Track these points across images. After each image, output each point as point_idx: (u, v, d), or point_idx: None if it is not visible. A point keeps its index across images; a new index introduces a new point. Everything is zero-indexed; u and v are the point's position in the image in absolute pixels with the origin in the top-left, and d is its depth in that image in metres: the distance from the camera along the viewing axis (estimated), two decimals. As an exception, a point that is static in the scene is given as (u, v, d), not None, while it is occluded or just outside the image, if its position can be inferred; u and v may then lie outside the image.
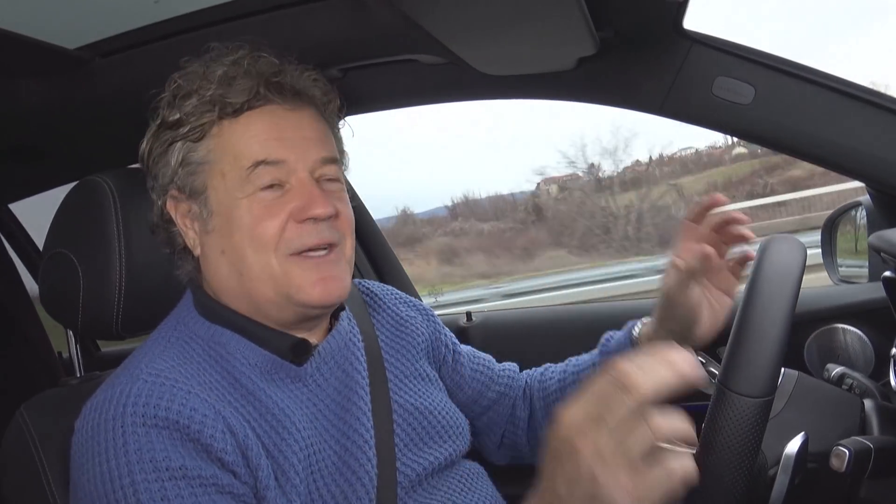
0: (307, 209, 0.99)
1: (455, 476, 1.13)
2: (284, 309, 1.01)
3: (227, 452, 0.88)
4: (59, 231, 1.18)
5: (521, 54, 1.28)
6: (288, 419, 0.97)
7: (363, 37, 1.27)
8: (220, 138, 1.01)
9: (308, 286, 0.99)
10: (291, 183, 1.00)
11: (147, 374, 0.91)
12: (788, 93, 1.29)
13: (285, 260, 0.99)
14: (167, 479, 0.83)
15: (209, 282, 1.05)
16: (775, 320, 0.80)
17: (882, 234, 1.12)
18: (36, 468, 1.06)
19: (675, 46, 1.32)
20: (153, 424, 0.86)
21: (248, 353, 1.01)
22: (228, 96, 0.99)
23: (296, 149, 1.01)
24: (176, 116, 1.01)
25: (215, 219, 1.01)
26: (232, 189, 0.99)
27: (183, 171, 1.02)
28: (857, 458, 0.89)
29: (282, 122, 1.02)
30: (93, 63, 1.29)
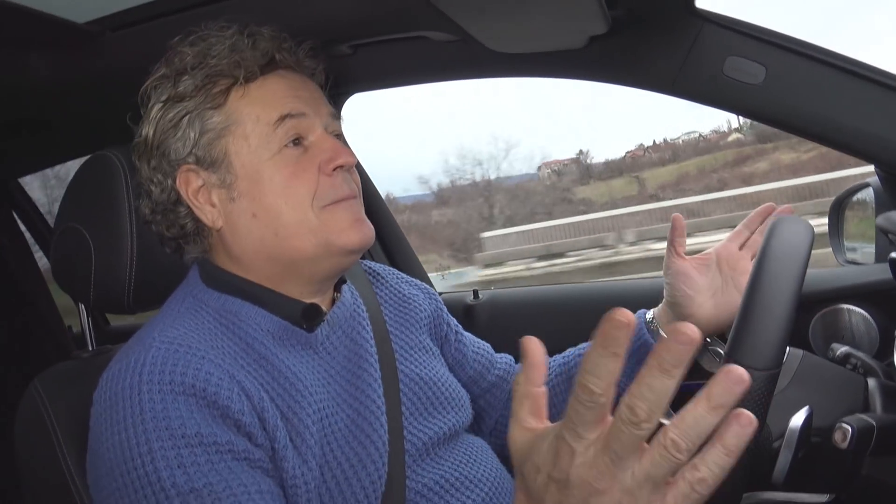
0: (334, 159, 1.02)
1: (460, 448, 1.14)
2: (322, 261, 1.04)
3: (245, 414, 0.90)
4: (71, 206, 1.18)
5: (532, 32, 1.28)
6: (301, 383, 0.99)
7: (373, 13, 1.27)
8: (239, 101, 1.02)
9: (348, 227, 1.03)
10: (310, 139, 1.04)
11: (160, 342, 0.92)
12: (800, 73, 1.28)
13: (321, 211, 1.02)
14: (183, 447, 0.84)
15: (234, 253, 1.05)
16: (783, 294, 0.81)
17: (890, 215, 1.12)
18: (50, 439, 1.07)
19: (687, 25, 1.31)
20: (169, 391, 0.87)
21: (260, 320, 1.02)
22: (245, 61, 1.01)
23: (311, 104, 1.05)
24: (185, 88, 1.01)
25: (241, 183, 1.02)
26: (257, 150, 1.01)
27: (203, 139, 1.02)
28: (860, 435, 0.90)
29: (294, 82, 1.06)
30: (103, 37, 1.29)
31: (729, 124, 14.89)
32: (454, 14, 1.16)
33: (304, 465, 0.94)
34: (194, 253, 1.08)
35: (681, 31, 1.31)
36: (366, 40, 1.38)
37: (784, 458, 0.92)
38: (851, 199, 1.69)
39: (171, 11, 1.24)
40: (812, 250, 0.88)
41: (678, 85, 1.34)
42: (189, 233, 1.06)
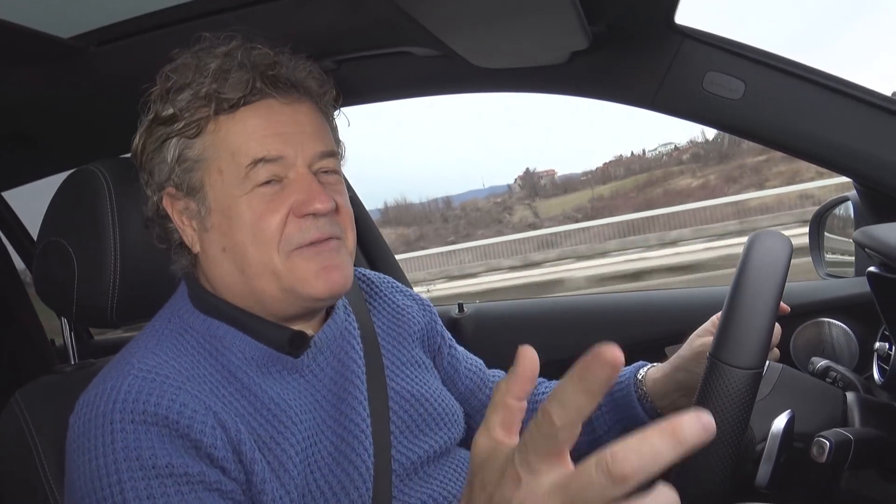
0: (307, 204, 0.97)
1: (450, 464, 1.13)
2: (289, 304, 1.01)
3: (217, 448, 0.88)
4: (54, 220, 1.18)
5: (514, 48, 1.29)
6: (284, 413, 0.97)
7: (357, 28, 1.28)
8: (216, 135, 0.98)
9: (312, 278, 0.98)
10: (290, 177, 0.99)
11: (138, 370, 0.91)
12: (779, 88, 1.30)
13: (288, 256, 0.98)
14: (153, 478, 0.84)
15: (209, 278, 1.04)
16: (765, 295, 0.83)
17: (867, 229, 1.14)
18: (31, 454, 1.06)
19: (667, 41, 1.32)
20: (142, 421, 0.86)
21: (245, 347, 1.00)
22: (224, 91, 0.97)
23: (294, 144, 0.99)
24: (170, 111, 0.99)
25: (214, 216, 0.99)
26: (230, 186, 0.98)
27: (179, 168, 1.00)
28: (837, 449, 0.91)
29: (279, 116, 1.00)
30: (87, 52, 1.29)
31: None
32: (437, 30, 1.17)
33: (287, 496, 0.93)
34: (182, 263, 1.07)
35: (661, 47, 1.33)
36: (350, 55, 1.39)
37: (767, 461, 0.93)
38: (831, 212, 1.71)
39: (155, 27, 1.24)
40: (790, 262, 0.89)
41: (658, 100, 1.36)
42: (175, 246, 1.06)
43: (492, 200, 20.64)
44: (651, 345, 1.39)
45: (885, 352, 1.27)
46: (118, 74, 1.32)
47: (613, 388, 1.24)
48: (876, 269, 1.12)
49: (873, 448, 0.96)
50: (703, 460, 0.80)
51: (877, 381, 1.25)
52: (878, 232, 1.11)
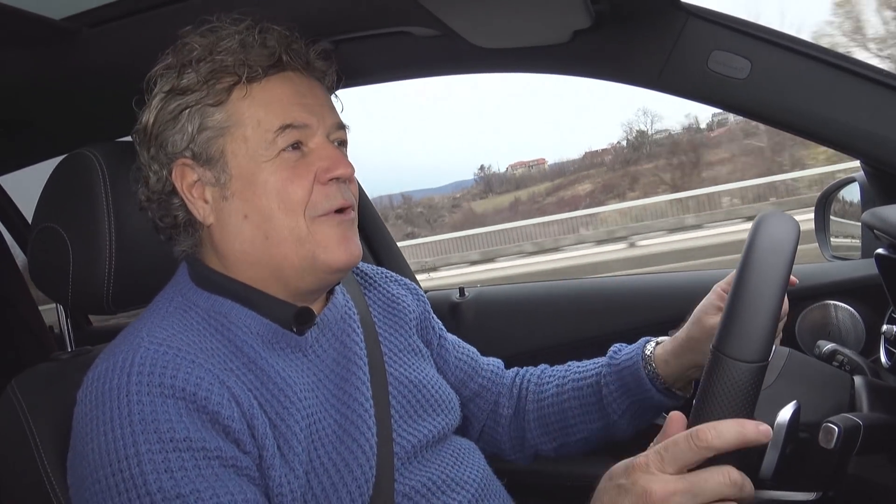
0: (332, 169, 1.01)
1: (448, 450, 1.14)
2: (306, 275, 1.02)
3: (234, 420, 0.89)
4: (48, 205, 1.16)
5: (516, 27, 1.27)
6: (289, 388, 0.98)
7: (356, 8, 1.26)
8: (241, 102, 1.01)
9: (334, 245, 1.01)
10: (310, 146, 1.03)
11: (149, 343, 0.91)
12: (785, 67, 1.28)
13: (313, 221, 1.00)
14: (171, 451, 0.83)
15: (222, 251, 1.04)
16: (770, 286, 0.81)
17: (876, 210, 1.12)
18: (27, 442, 1.06)
19: (671, 19, 1.30)
20: (159, 393, 0.86)
21: (250, 322, 1.01)
22: (250, 60, 0.99)
23: (316, 113, 1.03)
24: (188, 82, 1.00)
25: (235, 183, 1.01)
26: (255, 152, 1.00)
27: (201, 136, 1.01)
28: (846, 435, 0.90)
29: (301, 87, 1.04)
30: (80, 34, 1.27)
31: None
32: (437, 9, 1.15)
33: (291, 472, 0.93)
34: (184, 245, 1.07)
35: (665, 26, 1.30)
36: (348, 36, 1.37)
37: (772, 453, 0.92)
38: (837, 194, 1.69)
39: (147, 8, 1.22)
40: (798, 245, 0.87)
41: (663, 79, 1.33)
42: (181, 224, 1.05)
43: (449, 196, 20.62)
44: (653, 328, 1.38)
45: (892, 334, 1.25)
46: (111, 57, 1.30)
47: (621, 368, 1.23)
48: (884, 250, 1.11)
49: (882, 433, 0.95)
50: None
51: (884, 365, 1.24)
52: (888, 213, 1.09)
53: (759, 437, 0.75)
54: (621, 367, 1.23)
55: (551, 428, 1.29)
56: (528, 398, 1.33)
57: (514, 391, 1.35)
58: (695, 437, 0.74)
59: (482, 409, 1.35)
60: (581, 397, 1.26)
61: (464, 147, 30.46)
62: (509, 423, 1.34)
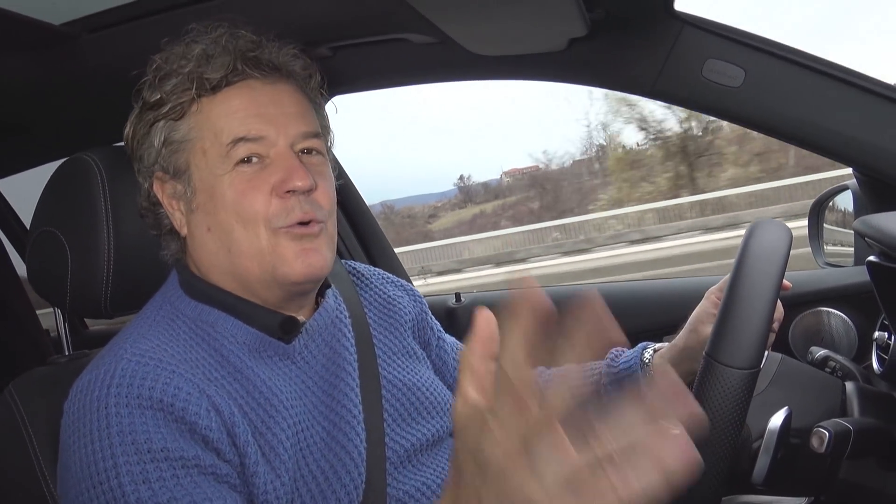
0: (287, 181, 0.98)
1: (443, 453, 1.13)
2: (270, 287, 1.01)
3: (212, 430, 0.88)
4: (47, 209, 1.17)
5: (512, 34, 1.28)
6: (276, 397, 0.97)
7: (353, 15, 1.26)
8: (199, 115, 1.00)
9: (292, 258, 0.98)
10: (271, 156, 1.00)
11: (131, 354, 0.91)
12: (779, 76, 1.29)
13: (274, 234, 0.99)
14: (148, 462, 0.84)
15: (196, 261, 1.05)
16: (762, 294, 0.81)
17: (867, 218, 1.13)
18: (25, 446, 1.06)
19: (666, 28, 1.31)
20: (137, 405, 0.86)
21: (236, 331, 1.01)
22: (206, 73, 0.98)
23: (275, 124, 1.00)
24: (157, 97, 1.00)
25: (199, 196, 1.00)
26: (213, 166, 0.99)
27: (166, 150, 1.01)
28: (836, 440, 0.90)
29: (261, 97, 1.01)
30: (79, 39, 1.28)
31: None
32: (434, 16, 1.16)
33: (277, 480, 0.93)
34: (172, 250, 1.08)
35: (660, 34, 1.31)
36: (346, 42, 1.38)
37: (763, 458, 0.93)
38: (830, 201, 1.71)
39: (147, 13, 1.22)
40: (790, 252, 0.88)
41: (657, 88, 1.35)
42: (166, 232, 1.06)
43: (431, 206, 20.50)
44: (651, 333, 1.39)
45: (884, 341, 1.26)
46: (110, 62, 1.31)
47: (621, 375, 1.23)
48: (876, 258, 1.12)
49: (872, 438, 0.96)
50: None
51: (876, 371, 1.25)
52: (879, 221, 1.10)
53: None
54: (620, 374, 1.23)
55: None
56: None
57: None
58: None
59: None
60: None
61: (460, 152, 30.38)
62: None
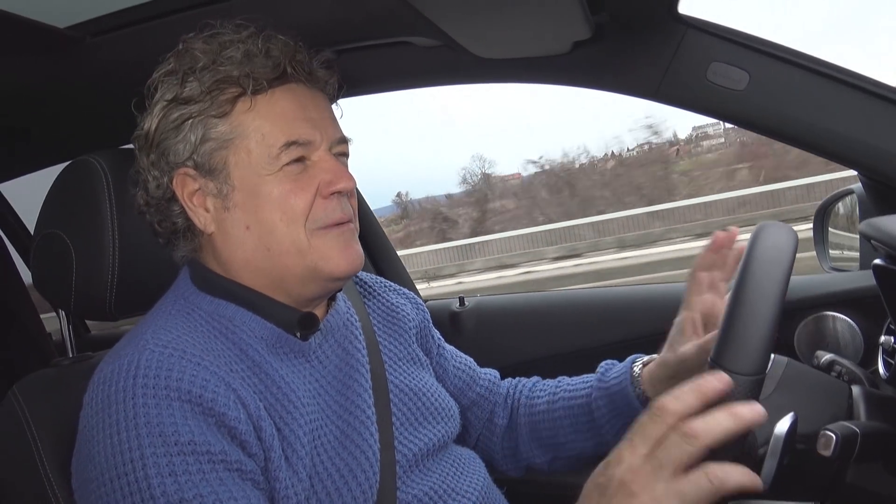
0: (334, 183, 1.01)
1: (449, 459, 1.14)
2: (309, 283, 1.03)
3: (241, 422, 0.89)
4: (52, 212, 1.17)
5: (516, 37, 1.28)
6: (293, 393, 0.98)
7: (357, 18, 1.27)
8: (245, 115, 1.00)
9: (336, 255, 1.01)
10: (313, 159, 1.02)
11: (154, 345, 0.91)
12: (783, 79, 1.29)
13: (313, 234, 1.00)
14: (175, 455, 0.83)
15: (223, 259, 1.04)
16: (767, 299, 0.81)
17: (873, 221, 1.12)
18: (29, 448, 1.05)
19: (671, 31, 1.31)
20: (164, 395, 0.86)
21: (254, 326, 1.01)
22: (255, 72, 0.98)
23: (320, 128, 1.02)
24: (191, 91, 0.99)
25: (238, 195, 1.00)
26: (258, 165, 0.99)
27: (203, 147, 1.00)
28: (843, 443, 0.90)
29: (305, 101, 1.03)
30: (84, 42, 1.28)
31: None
32: (438, 19, 1.16)
33: (295, 477, 0.93)
34: (184, 251, 1.07)
35: (664, 37, 1.31)
36: (350, 45, 1.38)
37: (769, 464, 0.92)
38: (836, 205, 1.70)
39: (152, 17, 1.22)
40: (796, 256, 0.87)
41: (661, 91, 1.34)
42: (180, 230, 1.05)
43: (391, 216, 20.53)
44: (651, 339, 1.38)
45: (890, 346, 1.26)
46: (115, 65, 1.31)
47: (611, 391, 1.22)
48: (882, 261, 1.11)
49: (879, 442, 0.95)
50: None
51: (882, 376, 1.25)
52: (885, 224, 1.10)
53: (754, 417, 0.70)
54: (611, 390, 1.22)
55: (543, 441, 1.29)
56: (519, 410, 1.33)
57: (509, 402, 1.36)
58: (682, 430, 0.70)
59: (479, 419, 1.35)
60: (572, 416, 1.26)
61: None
62: (503, 434, 1.34)
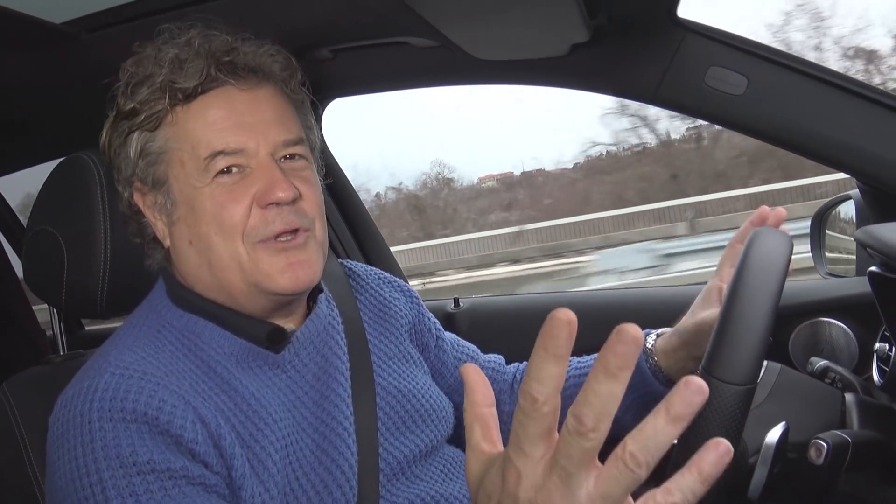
0: (268, 193, 0.94)
1: (437, 463, 1.11)
2: (256, 297, 0.99)
3: (199, 443, 0.87)
4: (44, 208, 1.16)
5: (514, 39, 1.27)
6: (264, 409, 0.95)
7: (355, 18, 1.26)
8: (175, 126, 0.96)
9: (276, 273, 0.96)
10: (252, 166, 0.96)
11: (115, 367, 0.89)
12: (781, 84, 1.28)
13: (253, 247, 0.96)
14: (135, 475, 0.82)
15: (180, 272, 1.02)
16: (760, 309, 0.80)
17: (868, 228, 1.12)
18: (17, 445, 1.05)
19: (669, 35, 1.31)
20: (120, 419, 0.85)
21: (223, 342, 0.98)
22: (178, 81, 0.94)
23: (255, 133, 0.96)
24: (130, 106, 0.96)
25: (179, 208, 0.97)
26: (192, 178, 0.96)
27: (143, 162, 0.98)
28: (834, 452, 0.90)
29: (238, 105, 0.97)
30: (79, 38, 1.28)
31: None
32: (436, 20, 1.15)
33: (266, 493, 0.91)
34: (157, 259, 1.05)
35: (663, 41, 1.31)
36: (346, 45, 1.37)
37: (760, 473, 0.92)
38: (833, 211, 1.70)
39: (148, 13, 1.22)
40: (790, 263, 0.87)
41: (660, 94, 1.34)
42: (149, 241, 1.04)
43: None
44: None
45: (884, 353, 1.25)
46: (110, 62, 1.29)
47: None
48: (877, 268, 1.11)
49: (872, 450, 0.95)
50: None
51: (876, 383, 1.24)
52: (880, 231, 1.10)
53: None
54: None
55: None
56: None
57: (515, 387, 1.32)
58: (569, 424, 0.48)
59: None
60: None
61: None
62: (510, 420, 1.32)
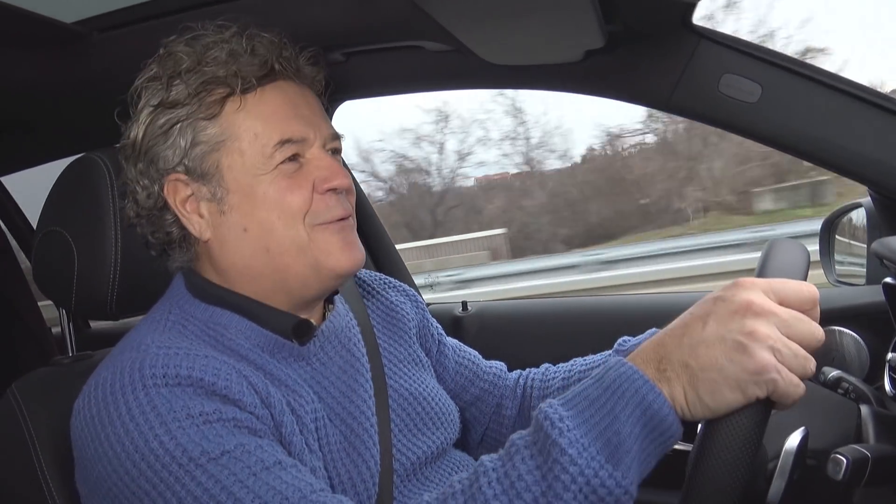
0: (329, 180, 1.00)
1: (447, 467, 1.12)
2: (310, 282, 1.01)
3: (257, 406, 0.88)
4: (54, 208, 1.15)
5: (528, 44, 1.27)
6: (296, 393, 0.97)
7: (368, 21, 1.26)
8: (235, 115, 0.98)
9: (337, 251, 1.00)
10: (307, 157, 1.01)
11: (157, 347, 0.89)
12: (796, 93, 1.28)
13: (313, 230, 0.99)
14: (202, 424, 0.82)
15: (220, 266, 1.02)
16: None
17: (885, 240, 1.12)
18: (27, 446, 1.05)
19: (683, 42, 1.30)
20: (176, 384, 0.84)
21: (250, 333, 0.99)
22: (242, 71, 0.97)
23: (312, 125, 1.01)
24: (178, 95, 0.97)
25: (233, 197, 0.98)
26: (252, 166, 0.98)
27: (194, 151, 0.98)
28: (854, 467, 0.89)
29: (296, 98, 1.02)
30: (90, 38, 1.27)
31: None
32: (450, 24, 1.15)
33: (312, 454, 0.93)
34: (179, 261, 1.05)
35: (677, 48, 1.30)
36: (359, 48, 1.37)
37: (779, 480, 0.91)
38: (843, 218, 1.69)
39: (160, 14, 1.22)
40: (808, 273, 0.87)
41: (673, 101, 1.33)
42: (175, 240, 1.03)
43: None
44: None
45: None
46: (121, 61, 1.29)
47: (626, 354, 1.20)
48: (892, 280, 1.10)
49: (889, 465, 0.94)
50: (715, 481, 0.76)
51: (889, 393, 1.23)
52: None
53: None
54: None
55: None
56: (532, 395, 1.31)
57: (518, 391, 1.33)
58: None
59: (484, 413, 1.33)
60: None
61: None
62: (513, 424, 1.32)
